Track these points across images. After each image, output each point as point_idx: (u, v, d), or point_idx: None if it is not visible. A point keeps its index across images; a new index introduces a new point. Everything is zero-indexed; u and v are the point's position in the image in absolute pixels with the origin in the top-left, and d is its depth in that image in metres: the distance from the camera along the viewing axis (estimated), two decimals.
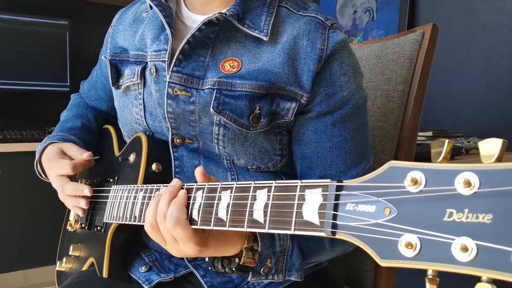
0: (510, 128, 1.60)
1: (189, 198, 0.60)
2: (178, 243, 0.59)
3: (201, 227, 0.56)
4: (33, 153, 0.93)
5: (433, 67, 0.99)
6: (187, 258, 0.79)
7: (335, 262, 0.90)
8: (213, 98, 0.73)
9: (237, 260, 0.62)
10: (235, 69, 0.74)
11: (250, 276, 0.65)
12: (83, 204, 0.83)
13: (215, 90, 0.73)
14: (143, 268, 0.80)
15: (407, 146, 0.96)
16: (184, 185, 0.62)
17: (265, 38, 0.73)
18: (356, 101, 0.76)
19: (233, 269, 0.63)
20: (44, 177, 0.92)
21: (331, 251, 0.76)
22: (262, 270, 0.65)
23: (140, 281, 0.78)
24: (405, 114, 0.97)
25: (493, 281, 0.31)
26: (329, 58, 0.73)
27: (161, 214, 0.59)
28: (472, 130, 1.64)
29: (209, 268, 0.65)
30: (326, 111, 0.74)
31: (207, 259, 0.65)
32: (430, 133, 1.51)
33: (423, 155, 1.25)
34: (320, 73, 0.73)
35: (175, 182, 0.62)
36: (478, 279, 0.31)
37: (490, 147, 0.32)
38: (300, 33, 0.74)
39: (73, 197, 0.84)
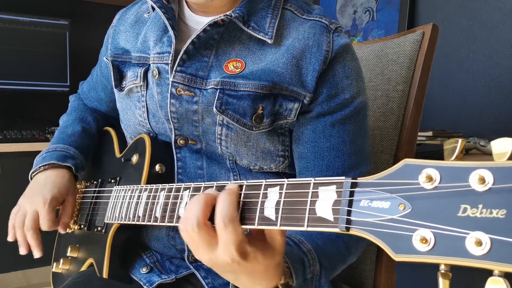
0: (511, 128, 1.60)
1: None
2: (216, 248, 0.50)
3: (282, 228, 0.48)
4: (33, 153, 0.93)
5: (433, 67, 0.99)
6: (188, 258, 0.79)
7: None
8: (216, 98, 0.73)
9: None
10: (238, 70, 0.74)
11: None
12: (23, 251, 0.85)
13: (218, 90, 0.73)
14: (144, 269, 0.80)
15: (407, 146, 0.96)
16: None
17: (269, 41, 0.74)
18: (357, 104, 0.76)
19: None
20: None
21: (348, 263, 0.74)
22: None
23: (141, 283, 0.78)
24: (405, 114, 0.97)
25: (505, 276, 0.31)
26: (333, 60, 0.74)
27: (194, 218, 0.50)
28: (472, 130, 1.64)
29: None
30: (326, 111, 0.75)
31: None
32: (430, 133, 1.51)
33: (423, 155, 1.25)
34: (324, 73, 0.74)
35: (233, 186, 0.53)
36: (489, 274, 0.31)
37: (503, 146, 0.32)
38: (306, 35, 0.74)
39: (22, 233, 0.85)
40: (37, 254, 0.85)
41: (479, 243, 0.31)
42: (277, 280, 0.55)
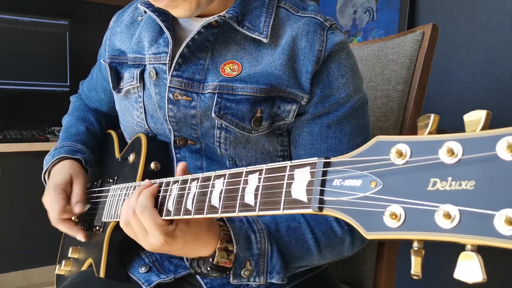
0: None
1: (165, 191, 0.62)
2: (148, 234, 0.60)
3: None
4: (33, 153, 0.94)
5: (433, 67, 0.99)
6: (188, 259, 0.79)
7: (335, 263, 0.90)
8: (214, 103, 0.73)
9: (210, 259, 0.64)
10: (235, 72, 0.73)
11: (231, 278, 0.65)
12: (81, 237, 0.87)
13: (216, 95, 0.73)
14: (143, 268, 0.80)
15: None
16: (157, 181, 0.65)
17: (264, 40, 0.73)
18: (354, 103, 0.75)
19: (208, 268, 0.64)
20: None
21: (319, 256, 0.74)
22: (242, 272, 0.66)
23: (140, 282, 0.78)
24: (405, 114, 0.97)
25: (478, 250, 0.30)
26: (327, 59, 0.73)
27: (130, 208, 0.61)
28: None
29: (190, 270, 0.68)
30: (321, 112, 0.74)
31: (186, 261, 0.65)
32: None
33: None
34: (318, 74, 0.73)
35: (146, 182, 0.65)
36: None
37: (475, 117, 0.32)
38: (299, 34, 0.73)
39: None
40: (81, 238, 0.87)
41: (447, 215, 0.31)
42: (213, 244, 0.63)
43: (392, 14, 1.96)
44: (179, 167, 0.63)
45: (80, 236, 0.86)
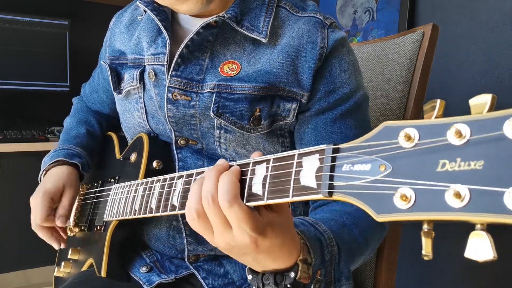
0: None
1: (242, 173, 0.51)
2: (232, 230, 0.48)
3: (269, 202, 0.47)
4: (33, 153, 0.94)
5: (433, 67, 0.99)
6: (188, 258, 0.79)
7: None
8: (212, 102, 0.73)
9: (292, 274, 0.52)
10: (234, 72, 0.73)
11: None
12: (56, 246, 0.88)
13: (215, 94, 0.73)
14: (144, 268, 0.80)
15: None
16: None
17: (264, 40, 0.73)
18: (358, 98, 0.75)
19: (288, 285, 0.52)
20: None
21: (369, 250, 0.70)
22: (312, 286, 0.55)
23: (141, 282, 0.78)
24: (405, 114, 0.98)
25: (488, 230, 0.31)
26: (329, 55, 0.73)
27: (207, 195, 0.48)
28: None
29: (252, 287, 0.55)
30: (325, 108, 0.74)
31: (249, 277, 0.54)
32: None
33: None
34: (320, 70, 0.73)
35: (222, 161, 0.53)
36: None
37: (481, 100, 0.32)
38: (300, 33, 0.74)
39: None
40: (55, 246, 0.88)
41: (458, 195, 0.31)
42: (295, 255, 0.52)
43: (392, 14, 1.96)
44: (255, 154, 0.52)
45: (56, 246, 0.89)
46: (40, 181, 0.92)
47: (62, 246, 0.88)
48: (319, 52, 0.72)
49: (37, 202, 0.85)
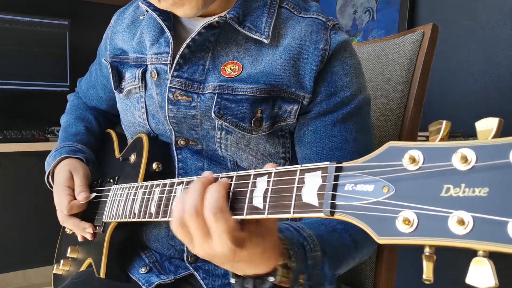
0: (510, 128, 1.60)
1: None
2: (212, 240, 0.49)
3: (269, 216, 0.47)
4: (33, 153, 0.94)
5: (433, 67, 0.99)
6: (187, 259, 0.79)
7: None
8: (214, 103, 0.72)
9: (271, 278, 0.53)
10: (236, 73, 0.73)
11: None
12: (88, 236, 0.85)
13: (216, 95, 0.72)
14: (143, 269, 0.80)
15: None
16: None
17: (266, 41, 0.73)
18: (359, 101, 0.75)
19: None
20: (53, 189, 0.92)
21: (357, 258, 0.71)
22: None
23: (140, 283, 0.78)
24: (405, 114, 0.97)
25: (490, 256, 0.30)
26: (331, 58, 0.73)
27: (191, 208, 0.49)
28: (472, 130, 1.64)
29: None
30: (326, 110, 0.74)
31: (232, 281, 0.56)
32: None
33: None
34: (322, 72, 0.73)
35: (208, 173, 0.53)
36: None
37: (487, 125, 0.32)
38: (302, 34, 0.73)
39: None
40: (89, 232, 0.84)
41: (461, 222, 0.31)
42: (275, 261, 0.54)
43: (392, 14, 1.96)
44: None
45: (89, 230, 0.83)
46: (48, 183, 0.92)
47: (89, 231, 0.84)
48: (321, 54, 0.72)
49: (58, 197, 0.85)
